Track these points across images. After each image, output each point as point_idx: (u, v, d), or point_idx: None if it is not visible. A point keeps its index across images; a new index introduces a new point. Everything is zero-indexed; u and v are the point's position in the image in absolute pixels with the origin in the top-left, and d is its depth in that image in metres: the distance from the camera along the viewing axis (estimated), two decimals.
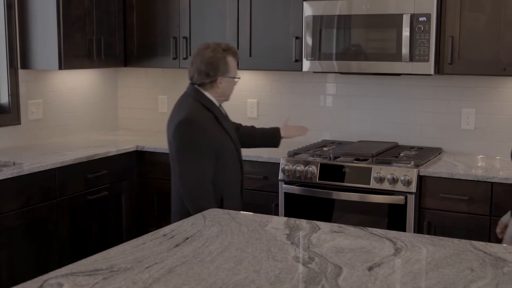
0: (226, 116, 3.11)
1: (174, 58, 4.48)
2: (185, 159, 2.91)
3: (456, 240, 2.17)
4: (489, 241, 3.30)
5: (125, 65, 4.69)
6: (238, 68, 3.13)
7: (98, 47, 4.36)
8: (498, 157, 3.91)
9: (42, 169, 3.58)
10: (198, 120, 2.92)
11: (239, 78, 3.08)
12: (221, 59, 2.95)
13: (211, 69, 2.94)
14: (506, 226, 2.88)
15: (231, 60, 3.00)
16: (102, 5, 4.39)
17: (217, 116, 2.99)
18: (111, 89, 5.09)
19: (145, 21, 4.59)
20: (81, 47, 4.25)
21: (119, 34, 4.57)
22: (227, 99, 3.10)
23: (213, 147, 2.92)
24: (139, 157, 4.33)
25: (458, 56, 3.68)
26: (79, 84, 4.75)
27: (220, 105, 3.08)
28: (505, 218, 2.94)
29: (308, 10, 3.93)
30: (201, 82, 2.98)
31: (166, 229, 2.26)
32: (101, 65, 4.47)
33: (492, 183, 3.37)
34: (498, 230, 2.98)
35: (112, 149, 4.15)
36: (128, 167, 4.28)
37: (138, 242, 2.09)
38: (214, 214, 2.47)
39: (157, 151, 4.26)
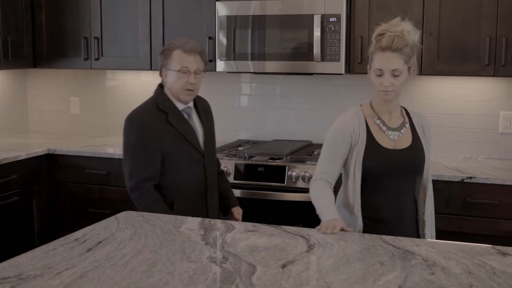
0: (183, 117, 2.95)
1: (86, 59, 4.39)
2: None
3: (366, 235, 2.23)
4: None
5: (35, 66, 4.56)
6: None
7: (5, 47, 4.21)
8: None
9: None
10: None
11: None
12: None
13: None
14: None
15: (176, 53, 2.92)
16: (8, 4, 4.24)
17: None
18: (20, 91, 4.94)
19: (55, 21, 4.47)
20: None
21: (27, 34, 4.44)
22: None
23: (157, 146, 2.83)
24: (51, 160, 4.21)
25: (367, 55, 3.77)
26: None
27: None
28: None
29: (221, 10, 3.93)
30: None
31: (78, 233, 2.21)
32: (8, 66, 4.33)
33: None
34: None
35: (22, 153, 4.02)
36: (39, 171, 4.15)
37: (48, 247, 2.04)
38: (127, 216, 2.44)
39: (69, 154, 4.16)
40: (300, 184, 3.57)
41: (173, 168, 2.87)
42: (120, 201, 4.02)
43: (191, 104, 2.99)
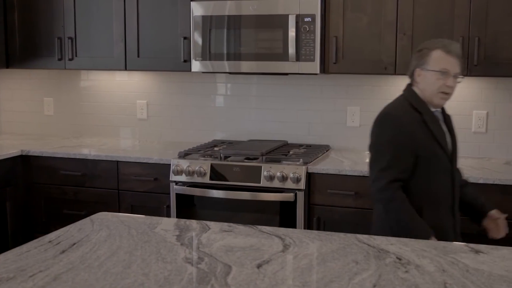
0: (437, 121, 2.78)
1: (59, 59, 4.35)
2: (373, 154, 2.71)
3: (342, 234, 2.23)
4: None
5: (7, 67, 4.51)
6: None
7: None
8: None
9: None
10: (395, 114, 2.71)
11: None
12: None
13: None
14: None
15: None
16: None
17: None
18: None
19: (28, 21, 4.43)
20: None
21: None
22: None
23: (412, 146, 2.64)
24: (24, 162, 4.17)
25: (342, 55, 3.79)
26: None
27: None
28: None
29: (196, 10, 3.93)
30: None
31: (52, 235, 2.19)
32: None
33: None
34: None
35: None
36: (12, 172, 4.11)
37: (21, 250, 2.02)
38: (102, 218, 2.42)
39: (43, 155, 4.12)
40: (276, 184, 3.58)
41: (424, 173, 2.65)
42: (95, 202, 4.00)
43: (439, 109, 2.81)
